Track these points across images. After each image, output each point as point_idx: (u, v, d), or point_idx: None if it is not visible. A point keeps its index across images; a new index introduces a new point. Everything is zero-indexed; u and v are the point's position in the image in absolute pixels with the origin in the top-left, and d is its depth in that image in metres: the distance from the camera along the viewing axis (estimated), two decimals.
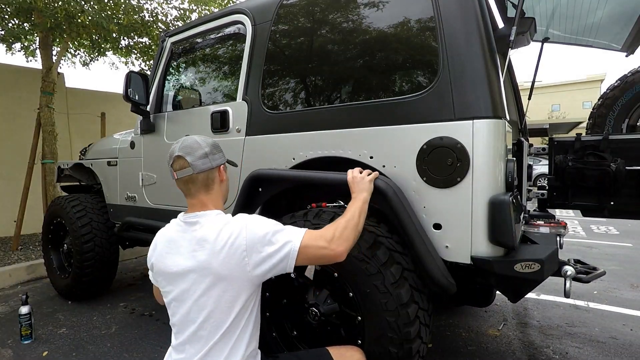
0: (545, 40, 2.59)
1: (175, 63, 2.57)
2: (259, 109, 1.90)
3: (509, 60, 2.19)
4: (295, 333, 1.66)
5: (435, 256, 1.39)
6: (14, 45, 5.13)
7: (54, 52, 5.05)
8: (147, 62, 5.72)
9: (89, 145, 3.52)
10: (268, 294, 1.62)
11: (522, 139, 2.01)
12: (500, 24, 1.90)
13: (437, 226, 1.40)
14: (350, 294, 1.42)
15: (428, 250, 1.37)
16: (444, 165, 1.37)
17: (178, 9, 5.49)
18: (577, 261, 1.76)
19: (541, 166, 11.97)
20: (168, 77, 2.57)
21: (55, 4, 4.20)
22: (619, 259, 4.47)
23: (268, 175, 1.75)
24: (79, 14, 4.27)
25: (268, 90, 1.90)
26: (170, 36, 2.52)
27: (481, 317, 2.73)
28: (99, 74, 14.40)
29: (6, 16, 4.44)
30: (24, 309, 2.39)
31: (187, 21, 5.29)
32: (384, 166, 1.51)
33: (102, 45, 5.30)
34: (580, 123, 13.47)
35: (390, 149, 1.49)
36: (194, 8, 5.46)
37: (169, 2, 5.44)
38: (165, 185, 2.41)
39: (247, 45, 2.01)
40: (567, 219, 7.61)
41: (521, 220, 1.68)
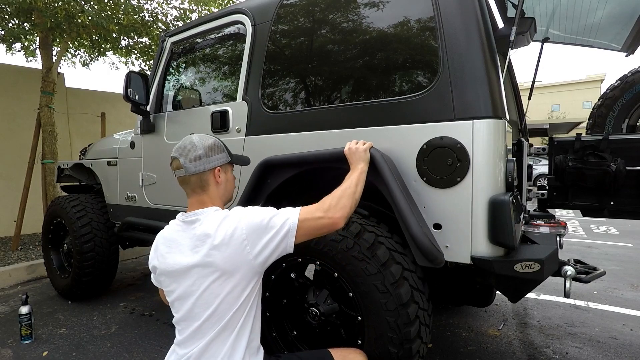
0: (545, 40, 2.58)
1: (175, 63, 2.57)
2: (259, 109, 1.90)
3: (509, 60, 2.19)
4: (295, 333, 1.66)
5: (422, 223, 1.36)
6: (14, 46, 5.13)
7: (54, 52, 5.04)
8: (147, 62, 5.72)
9: (89, 145, 3.52)
10: (268, 294, 1.62)
11: (522, 139, 2.01)
12: (500, 24, 1.90)
13: (437, 226, 1.40)
14: (350, 294, 1.42)
15: (412, 212, 1.33)
16: (444, 165, 1.37)
17: (178, 9, 5.49)
18: (577, 261, 1.76)
19: (541, 166, 11.98)
20: (168, 77, 2.57)
21: (55, 4, 4.20)
22: (619, 259, 4.47)
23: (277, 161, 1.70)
24: (79, 14, 4.28)
25: (268, 90, 1.90)
26: (170, 36, 2.53)
27: (481, 317, 2.73)
28: (99, 74, 14.42)
29: (6, 16, 4.43)
30: (24, 309, 2.39)
31: (187, 21, 5.29)
32: None
33: (102, 45, 5.31)
34: (580, 123, 13.49)
35: (390, 149, 1.49)
36: (194, 8, 5.46)
37: (169, 2, 5.44)
38: (165, 185, 2.42)
39: (247, 45, 2.01)
40: (567, 219, 7.61)
41: (521, 220, 1.68)
